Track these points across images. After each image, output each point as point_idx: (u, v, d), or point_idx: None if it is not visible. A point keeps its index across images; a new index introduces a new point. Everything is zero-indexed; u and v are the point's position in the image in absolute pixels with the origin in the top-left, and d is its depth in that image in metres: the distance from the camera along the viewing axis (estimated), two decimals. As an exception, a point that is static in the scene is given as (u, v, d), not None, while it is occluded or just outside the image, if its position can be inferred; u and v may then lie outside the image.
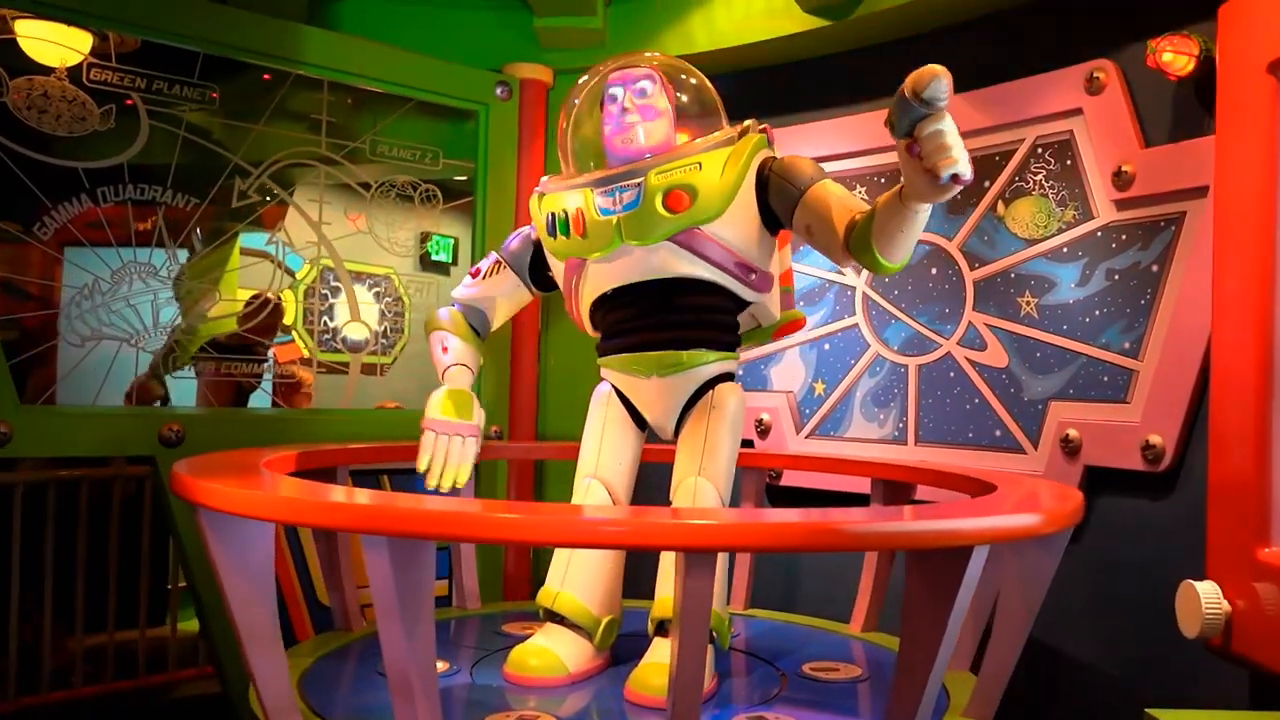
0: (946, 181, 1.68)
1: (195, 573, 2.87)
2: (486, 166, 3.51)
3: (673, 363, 2.26)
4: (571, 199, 2.23)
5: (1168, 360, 2.45)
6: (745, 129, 2.22)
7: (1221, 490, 2.13)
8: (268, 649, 1.86)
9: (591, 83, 2.34)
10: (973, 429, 2.90)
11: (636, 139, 2.19)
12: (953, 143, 1.66)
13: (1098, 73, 2.62)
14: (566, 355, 3.65)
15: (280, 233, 3.20)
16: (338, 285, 3.44)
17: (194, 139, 2.98)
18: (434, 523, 1.51)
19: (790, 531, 1.53)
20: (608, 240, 2.17)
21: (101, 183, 2.82)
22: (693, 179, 2.12)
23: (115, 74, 2.83)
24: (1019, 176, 2.83)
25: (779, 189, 2.16)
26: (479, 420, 2.32)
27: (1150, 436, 2.46)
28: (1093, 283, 2.65)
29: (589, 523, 1.59)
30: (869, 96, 3.15)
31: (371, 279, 4.37)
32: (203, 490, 1.76)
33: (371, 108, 3.36)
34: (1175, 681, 2.43)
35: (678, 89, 2.27)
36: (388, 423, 3.32)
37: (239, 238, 3.15)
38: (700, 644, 1.59)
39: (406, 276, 3.49)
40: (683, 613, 1.55)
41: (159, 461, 2.83)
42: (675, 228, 2.13)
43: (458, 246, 3.60)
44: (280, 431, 3.04)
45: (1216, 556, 2.13)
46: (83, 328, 2.80)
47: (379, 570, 1.58)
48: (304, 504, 1.63)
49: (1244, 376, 2.06)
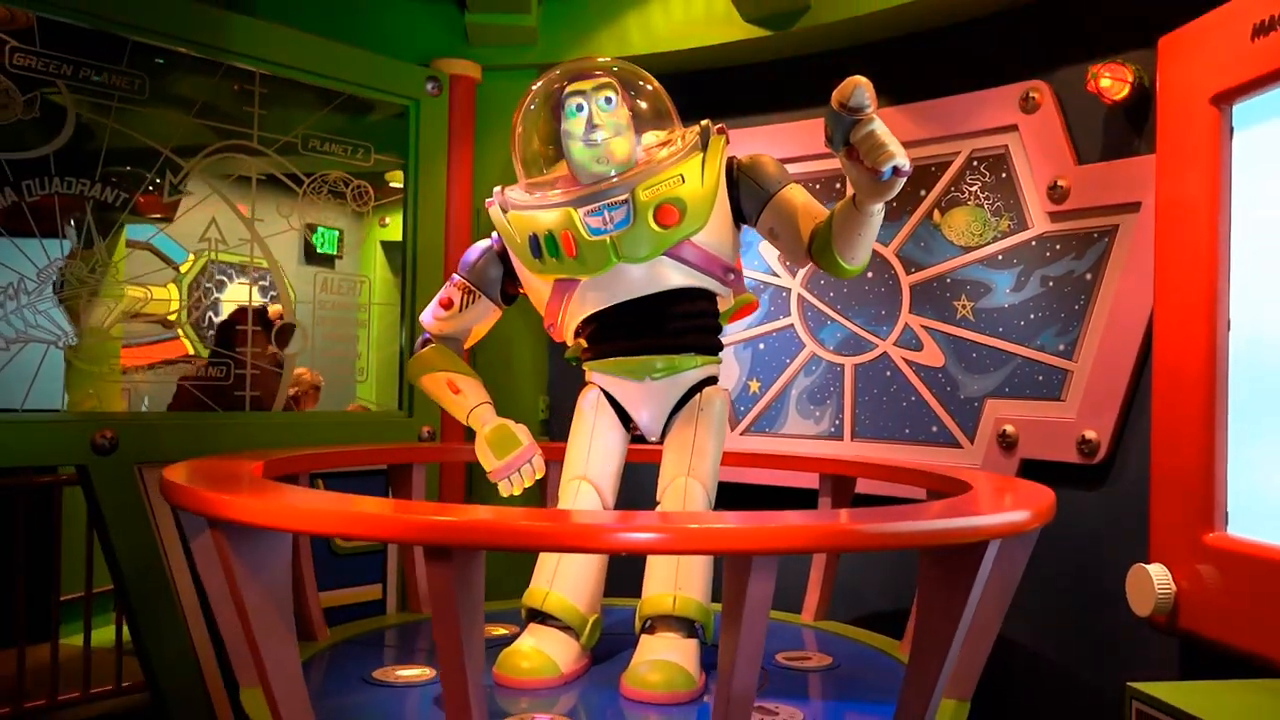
0: (889, 176, 1.81)
1: (132, 585, 2.73)
2: (418, 164, 3.45)
3: (666, 367, 2.30)
4: (552, 218, 2.20)
5: (1102, 361, 2.66)
6: (704, 129, 2.24)
7: (1165, 480, 2.34)
8: (285, 663, 1.81)
9: (548, 89, 2.28)
10: (909, 425, 3.06)
11: (608, 155, 2.17)
12: (886, 140, 1.79)
13: (1033, 92, 2.80)
14: (496, 356, 3.63)
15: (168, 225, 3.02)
16: (223, 279, 3.31)
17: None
18: (526, 536, 1.53)
19: (861, 536, 1.62)
20: (603, 261, 2.18)
21: (26, 175, 2.64)
22: (679, 192, 2.15)
23: (39, 59, 2.65)
24: (955, 187, 2.99)
25: (749, 189, 2.23)
26: (525, 436, 2.29)
27: (1086, 431, 2.67)
28: (1028, 288, 2.84)
29: (691, 532, 1.59)
30: (808, 104, 3.26)
31: (257, 272, 4.23)
32: (225, 504, 1.69)
33: (299, 101, 3.25)
34: (1111, 658, 2.64)
35: (635, 96, 2.26)
36: (327, 426, 3.24)
37: (124, 229, 2.96)
38: (757, 649, 1.64)
39: (290, 269, 3.32)
40: (744, 616, 1.60)
41: (91, 470, 2.68)
42: (668, 242, 2.17)
43: (343, 238, 3.51)
44: (217, 437, 2.92)
45: (1161, 541, 2.34)
46: (6, 329, 2.62)
47: (442, 582, 1.57)
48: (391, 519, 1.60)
49: (1189, 379, 2.26)
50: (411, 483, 2.83)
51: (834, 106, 1.75)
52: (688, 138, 2.23)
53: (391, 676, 2.22)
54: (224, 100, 3.08)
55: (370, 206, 3.42)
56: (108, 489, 2.70)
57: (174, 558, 2.76)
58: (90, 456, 2.69)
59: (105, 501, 2.68)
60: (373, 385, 3.60)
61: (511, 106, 3.63)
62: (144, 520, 2.74)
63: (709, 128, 2.25)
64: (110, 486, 2.70)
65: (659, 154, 2.21)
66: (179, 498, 1.80)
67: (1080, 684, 2.71)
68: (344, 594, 3.05)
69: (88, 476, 2.69)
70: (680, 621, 2.20)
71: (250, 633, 1.78)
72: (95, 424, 2.72)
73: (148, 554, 2.73)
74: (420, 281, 3.44)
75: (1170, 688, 1.89)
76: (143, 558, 2.73)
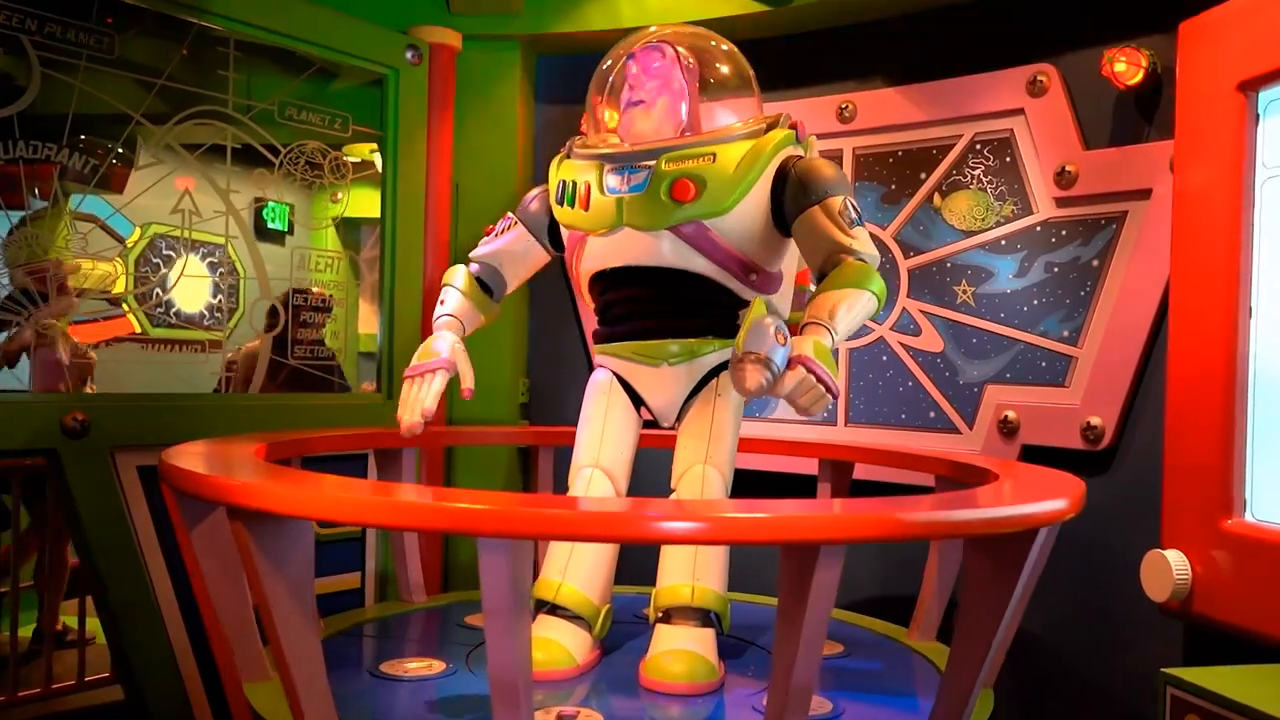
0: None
1: (107, 575, 2.58)
2: (397, 135, 3.30)
3: (682, 351, 2.24)
4: (585, 172, 2.20)
5: (1109, 348, 2.66)
6: (774, 121, 2.18)
7: (1179, 467, 2.34)
8: (308, 655, 1.71)
9: (624, 49, 2.28)
10: (905, 410, 3.04)
11: (644, 119, 2.16)
12: (809, 402, 1.85)
13: (1040, 76, 2.79)
14: (476, 338, 3.49)
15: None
16: (170, 254, 3.16)
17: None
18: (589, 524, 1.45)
19: (932, 526, 1.59)
20: (608, 220, 2.15)
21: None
22: (703, 170, 2.08)
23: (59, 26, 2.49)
24: (956, 170, 2.97)
25: (794, 193, 2.10)
26: (447, 351, 2.23)
27: (1090, 418, 2.67)
28: (1031, 274, 2.83)
29: (768, 521, 1.51)
30: (808, 82, 3.21)
31: (205, 247, 4.06)
32: (252, 492, 1.59)
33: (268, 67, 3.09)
34: (1114, 642, 2.66)
35: (704, 63, 2.21)
36: (304, 409, 3.10)
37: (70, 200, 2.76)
38: (820, 640, 1.60)
39: (242, 244, 3.14)
40: (810, 606, 1.55)
41: (62, 454, 2.52)
42: (676, 218, 2.10)
43: (294, 213, 3.33)
44: (193, 419, 2.77)
45: (1174, 527, 2.34)
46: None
47: (496, 573, 1.49)
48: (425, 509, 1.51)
49: (1208, 367, 2.26)
50: (401, 467, 2.72)
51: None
52: (753, 122, 2.18)
53: (401, 670, 2.13)
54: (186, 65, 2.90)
55: (349, 179, 3.27)
56: (79, 474, 2.53)
57: (148, 546, 2.62)
58: (61, 440, 2.52)
59: (77, 488, 2.52)
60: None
61: (493, 79, 3.58)
62: (119, 507, 2.58)
63: (783, 119, 2.18)
64: (82, 472, 2.54)
65: (709, 130, 2.17)
66: (196, 486, 1.68)
67: (1082, 668, 2.73)
68: (322, 583, 2.93)
69: (58, 461, 2.52)
70: (697, 612, 2.15)
71: (272, 625, 1.67)
72: (65, 405, 2.55)
73: (123, 542, 2.58)
74: (399, 261, 3.31)
75: (1204, 673, 1.89)
76: (118, 546, 2.58)
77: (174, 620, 2.62)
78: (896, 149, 3.09)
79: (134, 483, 2.62)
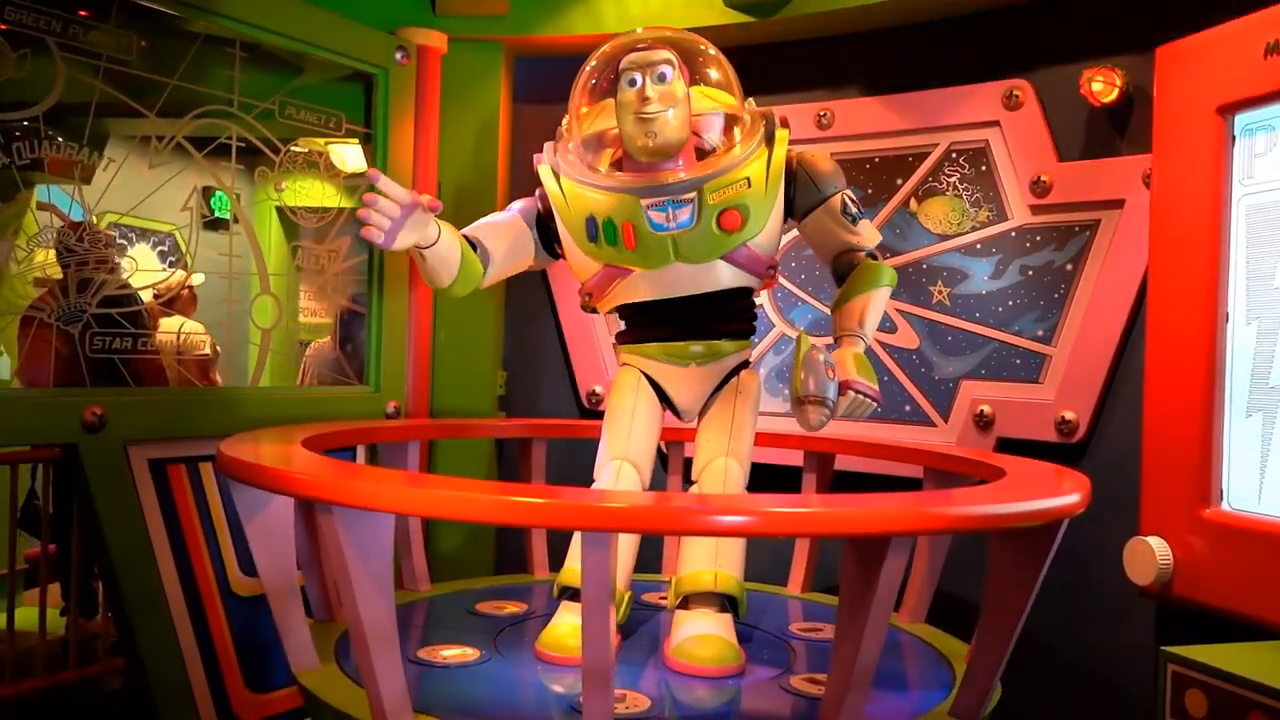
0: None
1: (119, 563, 2.58)
2: (386, 135, 3.31)
3: (706, 351, 2.33)
4: (612, 203, 2.18)
5: (1083, 346, 2.84)
6: (770, 121, 2.24)
7: (1158, 458, 2.53)
8: (387, 646, 1.75)
9: (611, 55, 2.24)
10: (881, 405, 3.18)
11: (659, 131, 2.14)
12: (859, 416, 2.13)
13: (1015, 91, 2.95)
14: (453, 330, 3.55)
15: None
16: (124, 242, 3.13)
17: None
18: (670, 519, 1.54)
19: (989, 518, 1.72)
20: (662, 258, 2.20)
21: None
22: (745, 198, 2.16)
23: (31, 14, 2.43)
24: (932, 177, 3.12)
25: (805, 189, 2.25)
26: (408, 199, 1.99)
27: (1065, 412, 2.85)
28: (1006, 276, 3.00)
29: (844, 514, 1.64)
30: (787, 89, 3.32)
31: (155, 236, 4.00)
32: (341, 490, 1.65)
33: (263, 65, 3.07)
34: (1090, 625, 2.84)
35: (695, 68, 2.25)
36: (296, 402, 3.12)
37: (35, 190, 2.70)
38: (884, 626, 1.70)
39: (189, 232, 3.02)
40: (878, 592, 1.65)
41: (81, 448, 2.53)
42: (728, 246, 2.19)
43: (239, 202, 3.22)
44: (201, 413, 2.82)
45: (1153, 516, 2.53)
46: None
47: (597, 567, 1.57)
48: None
49: (1186, 370, 2.45)
50: (407, 458, 2.76)
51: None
52: (753, 128, 2.23)
53: (437, 656, 2.17)
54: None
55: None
56: (98, 468, 2.54)
57: (156, 538, 2.63)
58: (80, 434, 2.52)
59: (95, 482, 2.53)
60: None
61: (478, 81, 3.60)
62: (133, 500, 2.60)
63: (774, 119, 2.25)
64: (100, 465, 2.55)
65: (730, 153, 2.20)
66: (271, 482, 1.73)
67: (1060, 650, 2.90)
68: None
69: (76, 455, 2.53)
70: (717, 597, 2.23)
71: (355, 613, 1.72)
72: (84, 400, 2.55)
73: (137, 534, 2.59)
74: (387, 262, 3.32)
75: (1203, 650, 2.06)
76: (132, 538, 2.59)
77: (179, 610, 2.64)
78: (874, 155, 3.23)
79: (144, 476, 2.64)
